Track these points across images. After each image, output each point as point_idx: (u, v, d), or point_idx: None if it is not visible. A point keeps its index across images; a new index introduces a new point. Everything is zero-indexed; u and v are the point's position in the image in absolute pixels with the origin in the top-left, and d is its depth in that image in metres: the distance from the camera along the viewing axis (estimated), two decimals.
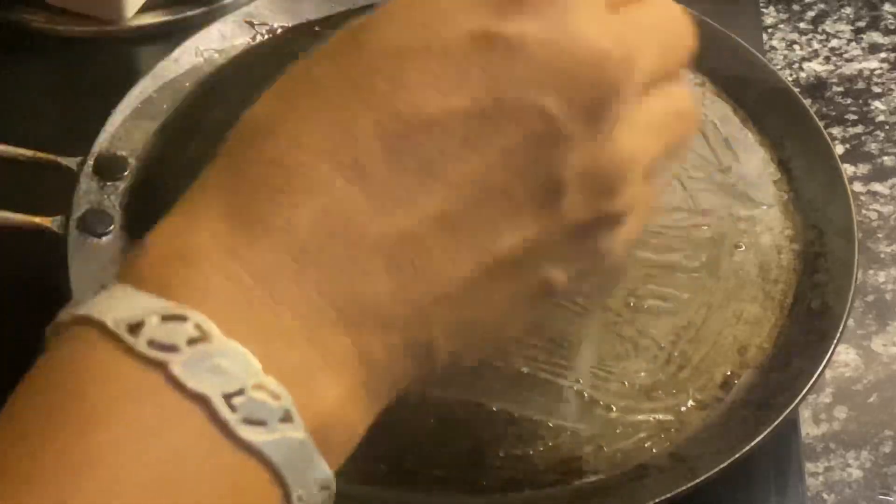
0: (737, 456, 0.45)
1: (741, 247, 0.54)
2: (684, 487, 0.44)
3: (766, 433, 0.46)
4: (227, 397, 0.28)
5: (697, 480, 0.45)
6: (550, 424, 0.47)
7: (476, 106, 0.32)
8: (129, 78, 0.59)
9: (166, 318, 0.28)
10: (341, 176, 0.31)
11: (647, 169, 0.36)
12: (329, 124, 0.32)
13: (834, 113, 0.66)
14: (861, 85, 0.68)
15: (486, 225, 0.32)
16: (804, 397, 0.47)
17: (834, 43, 0.70)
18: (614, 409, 0.48)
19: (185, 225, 0.31)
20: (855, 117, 0.66)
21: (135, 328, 0.28)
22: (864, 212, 0.61)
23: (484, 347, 0.36)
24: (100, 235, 0.53)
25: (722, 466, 0.45)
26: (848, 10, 0.72)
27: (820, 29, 0.71)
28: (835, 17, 0.72)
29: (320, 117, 0.32)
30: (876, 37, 0.71)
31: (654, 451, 0.47)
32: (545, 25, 0.32)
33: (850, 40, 0.71)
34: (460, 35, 0.32)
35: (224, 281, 0.30)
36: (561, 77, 0.32)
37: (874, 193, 0.62)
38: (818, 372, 0.48)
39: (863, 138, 0.65)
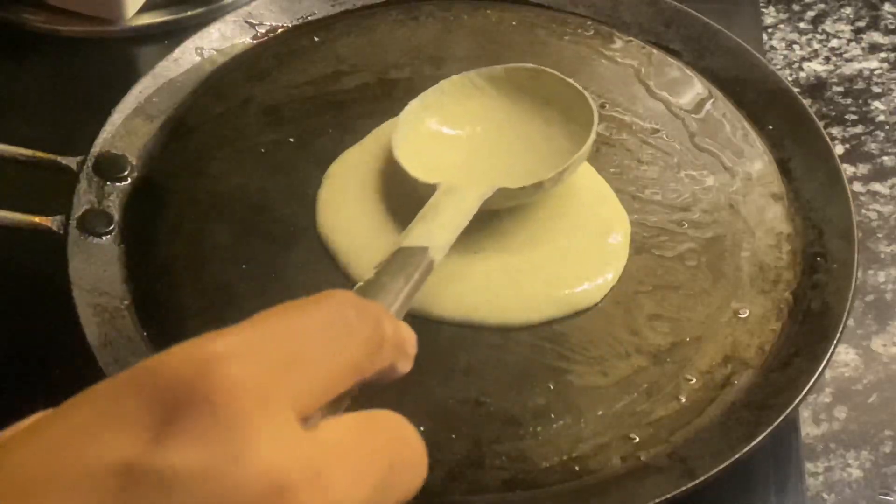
0: (737, 456, 0.45)
1: (741, 247, 0.54)
2: (684, 487, 0.44)
3: (766, 433, 0.46)
4: None
5: (697, 480, 0.45)
6: (553, 426, 0.48)
7: None
8: (129, 78, 0.59)
9: None
10: None
11: None
12: None
13: (834, 113, 0.66)
14: (861, 85, 0.68)
15: None
16: (804, 397, 0.47)
17: (834, 43, 0.71)
18: (614, 409, 0.48)
19: None
20: (855, 117, 0.66)
21: None
22: (863, 212, 0.61)
23: None
24: (100, 235, 0.53)
25: (722, 466, 0.45)
26: (848, 10, 0.72)
27: (820, 29, 0.71)
28: (835, 17, 0.72)
29: None
30: (876, 37, 0.71)
31: (654, 451, 0.47)
32: (208, 452, 0.25)
33: (849, 40, 0.71)
34: (100, 468, 0.25)
35: None
36: None
37: (874, 193, 0.62)
38: (818, 372, 0.48)
39: (863, 138, 0.65)
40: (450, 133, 0.56)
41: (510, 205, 0.53)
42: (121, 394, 0.26)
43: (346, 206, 0.54)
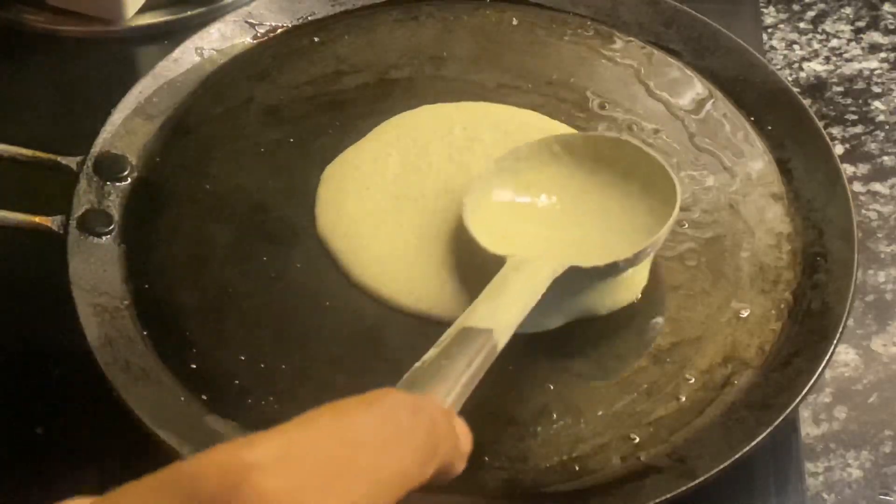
0: (737, 456, 0.45)
1: (741, 247, 0.54)
2: (684, 488, 0.45)
3: (766, 433, 0.46)
4: None
5: (697, 481, 0.45)
6: (553, 426, 0.48)
7: None
8: (129, 78, 0.59)
9: None
10: None
11: None
12: None
13: (834, 113, 0.66)
14: (861, 85, 0.68)
15: None
16: (804, 397, 0.47)
17: (834, 43, 0.71)
18: (614, 408, 0.48)
19: None
20: (855, 117, 0.66)
21: None
22: (863, 212, 0.61)
23: None
24: (100, 235, 0.53)
25: (722, 466, 0.45)
26: (848, 10, 0.72)
27: (820, 29, 0.71)
28: (835, 17, 0.72)
29: None
30: (876, 37, 0.71)
31: (654, 451, 0.47)
32: None
33: (849, 40, 0.71)
34: None
35: None
36: None
37: (874, 193, 0.62)
38: (818, 372, 0.48)
39: (863, 138, 0.65)
40: (523, 201, 0.53)
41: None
42: (156, 498, 0.26)
43: (346, 206, 0.54)
